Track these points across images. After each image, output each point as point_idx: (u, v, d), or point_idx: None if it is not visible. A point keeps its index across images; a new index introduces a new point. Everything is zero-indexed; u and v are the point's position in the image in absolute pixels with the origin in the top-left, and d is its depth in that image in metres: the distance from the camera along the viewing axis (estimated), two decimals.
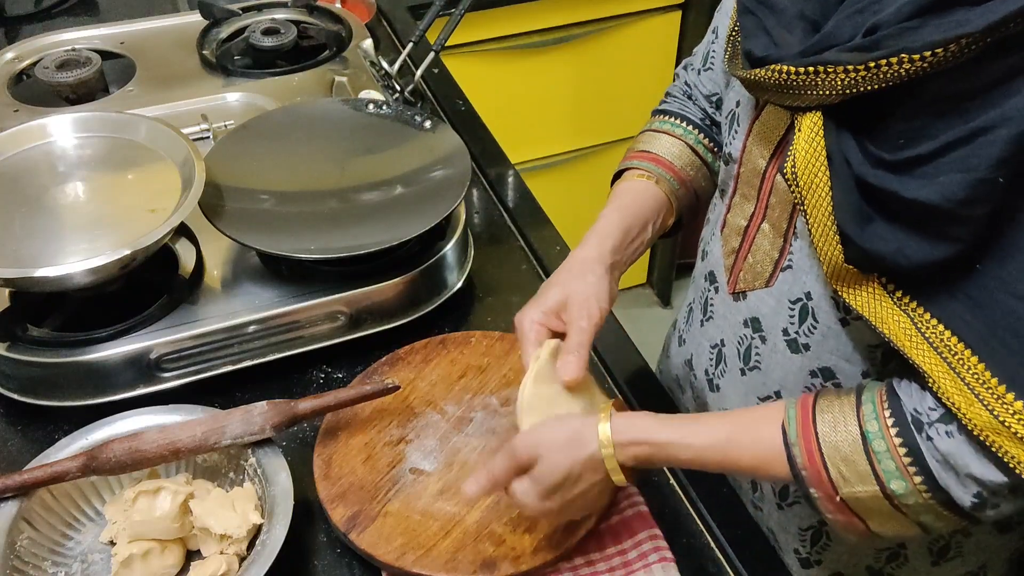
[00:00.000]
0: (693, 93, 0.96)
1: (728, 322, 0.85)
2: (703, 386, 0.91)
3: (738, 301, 0.83)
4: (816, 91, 0.64)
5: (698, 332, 0.91)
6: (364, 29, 1.34)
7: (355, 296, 0.95)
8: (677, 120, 0.95)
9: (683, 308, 0.99)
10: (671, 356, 1.00)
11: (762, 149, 0.77)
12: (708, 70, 0.93)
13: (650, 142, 0.94)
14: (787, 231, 0.75)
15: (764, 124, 0.76)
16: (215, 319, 0.91)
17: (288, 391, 0.94)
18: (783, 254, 0.76)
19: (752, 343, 0.82)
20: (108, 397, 0.89)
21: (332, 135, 1.07)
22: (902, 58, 0.58)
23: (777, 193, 0.76)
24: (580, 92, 2.12)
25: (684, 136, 0.93)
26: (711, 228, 0.89)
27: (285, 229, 0.94)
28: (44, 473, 0.77)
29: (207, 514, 0.76)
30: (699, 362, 0.91)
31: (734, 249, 0.83)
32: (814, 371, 0.78)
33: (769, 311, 0.79)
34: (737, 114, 0.80)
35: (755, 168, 0.78)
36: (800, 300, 0.76)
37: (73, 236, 0.88)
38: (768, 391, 0.82)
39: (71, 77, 1.19)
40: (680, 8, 2.08)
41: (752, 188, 0.79)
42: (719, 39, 0.89)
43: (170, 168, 0.95)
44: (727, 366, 0.86)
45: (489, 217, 1.18)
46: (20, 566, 0.74)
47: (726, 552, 0.82)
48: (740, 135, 0.80)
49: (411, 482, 0.83)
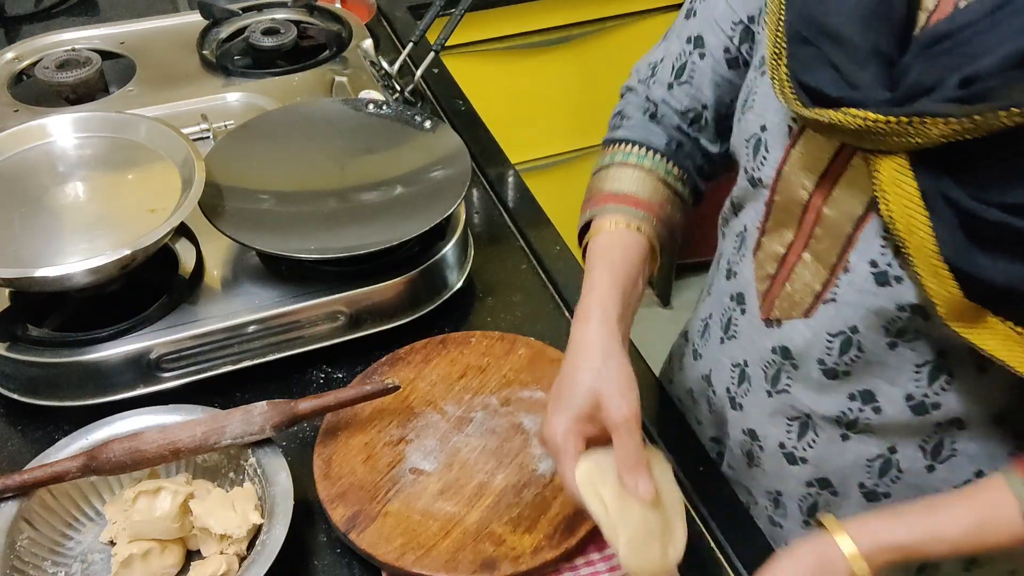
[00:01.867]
0: (660, 111, 0.88)
1: (754, 345, 0.82)
2: (723, 403, 0.89)
3: (770, 328, 0.79)
4: (907, 139, 0.60)
5: (717, 349, 0.88)
6: (364, 29, 1.34)
7: (355, 296, 0.95)
8: (642, 150, 0.86)
9: (696, 320, 0.95)
10: (684, 369, 0.97)
11: (803, 179, 0.72)
12: (685, 84, 0.86)
13: (618, 179, 0.85)
14: (835, 265, 0.72)
15: (805, 153, 0.71)
16: (215, 319, 0.91)
17: (288, 391, 0.94)
18: (827, 287, 0.73)
19: (782, 368, 0.79)
20: (108, 397, 0.89)
21: (332, 135, 1.07)
22: (1011, 111, 0.55)
23: (825, 226, 0.71)
24: (580, 92, 2.11)
25: (654, 168, 0.85)
26: (734, 246, 0.84)
27: (285, 229, 0.94)
28: (44, 473, 0.77)
29: (207, 514, 0.76)
30: (719, 379, 0.89)
31: (769, 275, 0.79)
32: (853, 394, 0.76)
33: (804, 342, 0.76)
34: (763, 139, 0.75)
35: (795, 197, 0.73)
36: (843, 333, 0.73)
37: (73, 236, 0.88)
38: (797, 412, 0.80)
39: (71, 77, 1.19)
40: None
41: (791, 216, 0.75)
42: (708, 52, 0.84)
43: (170, 168, 0.95)
44: (751, 386, 0.84)
45: (489, 217, 1.18)
46: (20, 566, 0.74)
47: (726, 552, 0.82)
48: (771, 162, 0.75)
49: (411, 482, 0.83)
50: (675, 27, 0.88)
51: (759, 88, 0.76)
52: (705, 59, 0.84)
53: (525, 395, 0.90)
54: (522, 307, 1.04)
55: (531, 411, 0.89)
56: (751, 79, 0.79)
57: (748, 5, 0.80)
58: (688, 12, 0.86)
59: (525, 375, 0.92)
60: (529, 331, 0.99)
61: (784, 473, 0.85)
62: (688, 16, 0.86)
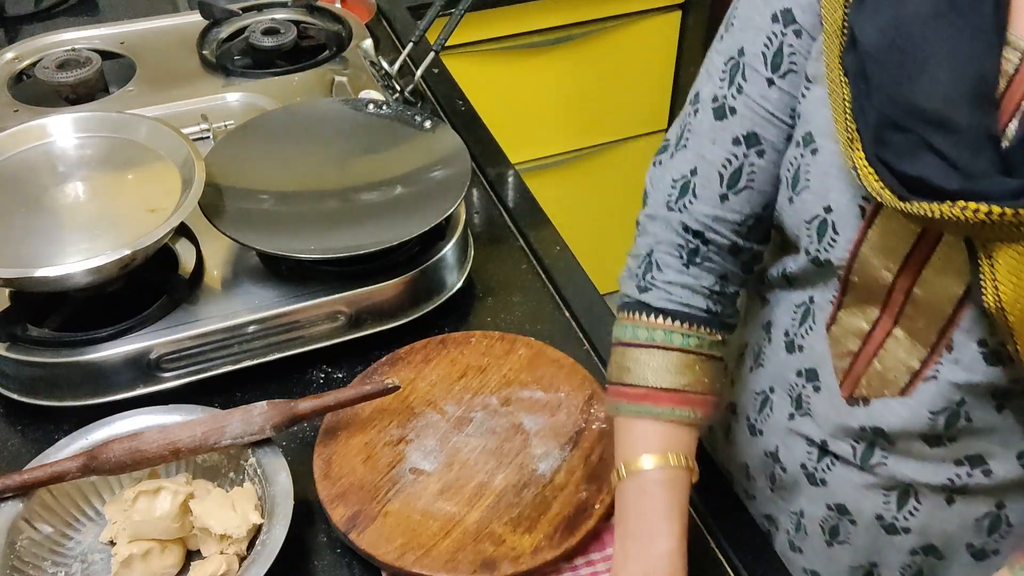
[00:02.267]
0: (706, 237, 0.76)
1: (835, 423, 0.76)
2: (797, 479, 0.82)
3: (854, 406, 0.74)
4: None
5: (783, 425, 0.81)
6: (364, 29, 1.34)
7: (355, 296, 0.95)
8: (684, 326, 0.76)
9: (747, 393, 0.86)
10: (736, 444, 0.89)
11: (885, 261, 0.67)
12: (744, 190, 0.75)
13: (659, 369, 0.75)
14: (936, 343, 0.67)
15: (885, 234, 0.66)
16: (215, 319, 0.91)
17: (288, 391, 0.94)
18: (927, 365, 0.68)
19: (874, 444, 0.75)
20: (108, 397, 0.89)
21: (332, 135, 1.07)
22: None
23: (918, 306, 0.67)
24: (580, 92, 2.12)
25: (685, 344, 0.75)
26: (792, 318, 0.78)
27: (285, 229, 0.94)
28: (44, 473, 0.77)
29: (207, 514, 0.76)
30: (790, 456, 0.82)
31: (851, 352, 0.73)
32: (960, 460, 0.72)
33: (901, 421, 0.71)
34: (830, 221, 0.69)
35: (877, 279, 0.68)
36: (947, 409, 0.68)
37: (73, 236, 0.88)
38: (896, 482, 0.75)
39: (71, 77, 1.19)
40: (680, 8, 2.08)
41: (874, 295, 0.69)
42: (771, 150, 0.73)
43: (170, 168, 0.95)
44: (835, 462, 0.78)
45: (489, 217, 1.18)
46: (20, 566, 0.74)
47: (726, 552, 0.82)
48: (843, 243, 0.69)
49: (411, 482, 0.83)
50: (699, 131, 0.75)
51: (812, 168, 0.69)
52: (766, 156, 0.74)
53: (525, 395, 0.91)
54: (522, 307, 1.04)
55: (531, 411, 0.89)
56: (794, 156, 0.71)
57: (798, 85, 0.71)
58: (718, 113, 0.74)
59: (525, 375, 0.92)
60: (529, 331, 0.99)
61: (882, 544, 0.80)
62: (722, 117, 0.74)
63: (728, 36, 0.74)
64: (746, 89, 0.72)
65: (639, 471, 0.74)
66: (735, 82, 0.73)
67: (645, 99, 2.23)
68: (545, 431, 0.87)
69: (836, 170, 0.67)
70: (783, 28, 0.70)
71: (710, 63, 0.76)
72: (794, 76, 0.71)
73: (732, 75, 0.73)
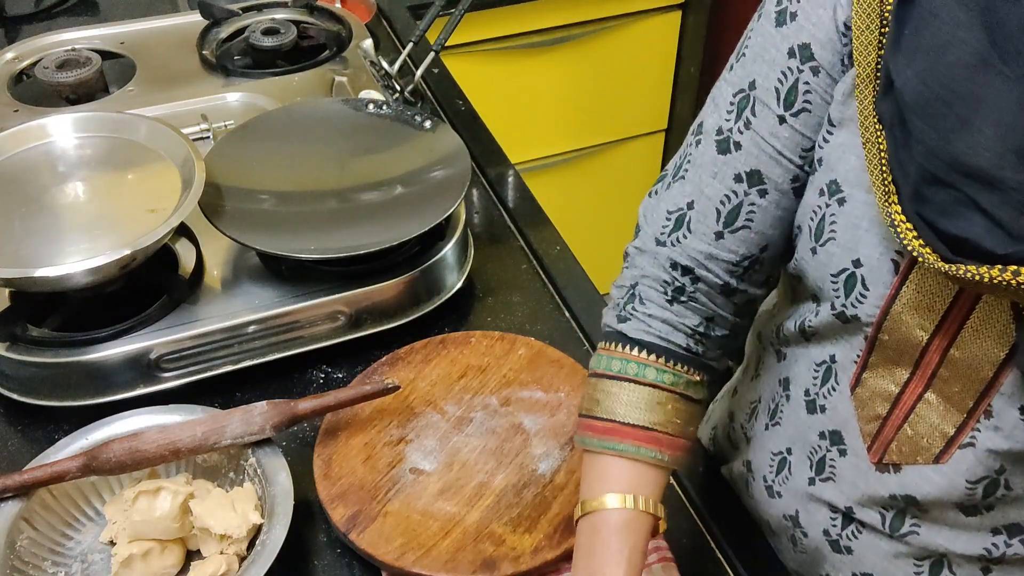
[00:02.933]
0: (696, 274, 0.73)
1: (861, 491, 0.72)
2: (819, 545, 0.78)
3: (884, 473, 0.70)
4: None
5: (804, 490, 0.77)
6: (364, 29, 1.34)
7: (355, 296, 0.95)
8: (660, 360, 0.72)
9: (763, 453, 0.82)
10: (756, 500, 0.84)
11: (920, 320, 0.63)
12: (742, 229, 0.71)
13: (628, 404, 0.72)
14: (974, 409, 0.63)
15: (920, 291, 0.62)
16: (215, 319, 0.91)
17: (288, 391, 0.94)
18: (963, 431, 0.64)
19: (905, 512, 0.71)
20: (108, 397, 0.89)
21: (332, 135, 1.07)
22: None
23: (954, 368, 0.63)
24: (580, 92, 2.12)
25: (674, 384, 0.72)
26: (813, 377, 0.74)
27: (285, 229, 0.94)
28: (44, 473, 0.77)
29: (207, 514, 0.76)
30: (811, 521, 0.78)
31: (879, 416, 0.69)
32: (997, 529, 0.68)
33: (936, 490, 0.67)
34: (859, 275, 0.65)
35: (909, 339, 0.65)
36: (986, 478, 0.65)
37: (73, 236, 0.88)
38: (929, 553, 0.72)
39: (71, 77, 1.19)
40: (680, 8, 2.08)
41: (905, 356, 0.66)
42: (774, 190, 0.70)
43: (170, 168, 0.95)
44: (862, 529, 0.74)
45: (489, 217, 1.18)
46: (20, 566, 0.74)
47: (726, 552, 0.82)
48: (873, 299, 0.65)
49: (411, 482, 0.83)
50: (699, 163, 0.72)
51: (839, 218, 0.66)
52: (768, 196, 0.70)
53: (525, 395, 0.91)
54: (522, 307, 1.04)
55: (531, 411, 0.89)
56: (817, 205, 0.68)
57: (810, 124, 0.68)
58: (722, 147, 0.71)
59: (525, 375, 0.93)
60: (529, 331, 0.99)
61: None
62: (725, 151, 0.70)
63: (739, 67, 0.70)
64: (754, 125, 0.69)
65: (596, 510, 0.70)
66: (743, 116, 0.69)
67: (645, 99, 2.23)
68: (545, 431, 0.87)
69: (867, 222, 0.63)
70: (800, 64, 0.66)
71: (718, 93, 0.72)
72: (808, 116, 0.67)
73: (741, 108, 0.70)
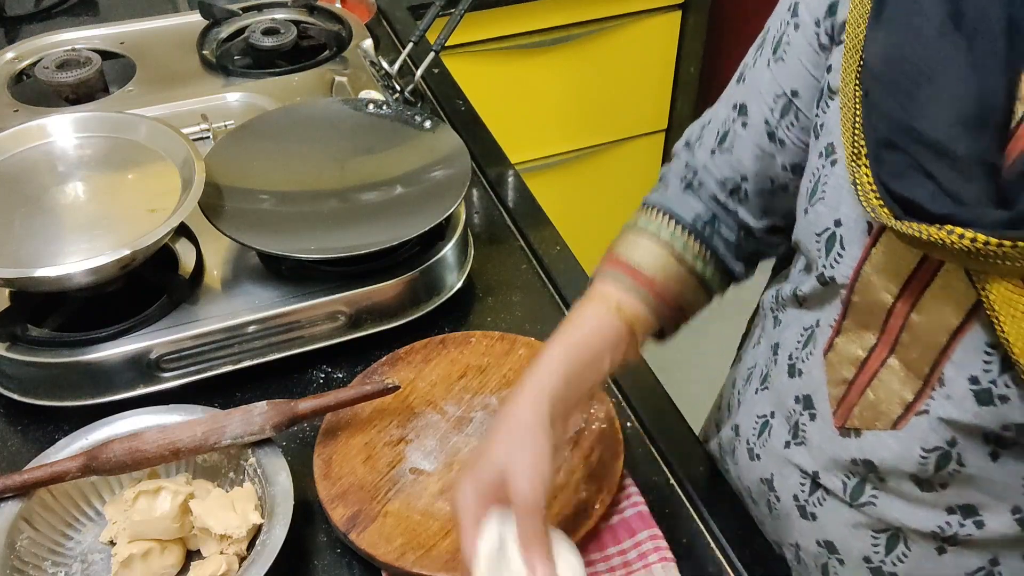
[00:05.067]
0: (698, 178, 0.83)
1: (828, 454, 0.74)
2: (789, 511, 0.80)
3: (847, 437, 0.72)
4: (1019, 263, 0.53)
5: (780, 452, 0.80)
6: (364, 29, 1.34)
7: (355, 296, 0.95)
8: (666, 219, 0.82)
9: (750, 416, 0.85)
10: (739, 466, 0.88)
11: (886, 282, 0.65)
12: (726, 152, 0.80)
13: (631, 247, 0.81)
14: (929, 376, 0.65)
15: (888, 254, 0.65)
16: (215, 319, 0.91)
17: (288, 391, 0.94)
18: (920, 399, 0.66)
19: (865, 480, 0.73)
20: (108, 397, 0.89)
21: (332, 135, 1.07)
22: None
23: (914, 333, 0.65)
24: (580, 92, 2.12)
25: (671, 241, 0.81)
26: (798, 341, 0.77)
27: (285, 229, 0.94)
28: (44, 473, 0.77)
29: (207, 514, 0.76)
30: (784, 485, 0.80)
31: (845, 380, 0.71)
32: (951, 508, 0.69)
33: (892, 456, 0.69)
34: (838, 235, 0.68)
35: (877, 301, 0.67)
36: (939, 448, 0.66)
37: (73, 236, 0.88)
38: (886, 525, 0.73)
39: (71, 77, 1.19)
40: (680, 8, 2.08)
41: (873, 319, 0.68)
42: (750, 122, 0.77)
43: (170, 168, 0.95)
44: (826, 496, 0.76)
45: (489, 217, 1.18)
46: (20, 566, 0.74)
47: (726, 552, 0.82)
48: (848, 261, 0.68)
49: (411, 482, 0.83)
50: (727, 91, 0.81)
51: (830, 179, 0.69)
52: (748, 128, 0.78)
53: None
54: (522, 307, 1.04)
55: None
56: (817, 166, 0.70)
57: (793, 79, 0.73)
58: (739, 77, 0.79)
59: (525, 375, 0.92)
60: (529, 331, 0.99)
61: None
62: (738, 81, 0.79)
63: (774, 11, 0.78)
64: (756, 63, 0.77)
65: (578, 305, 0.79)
66: (755, 54, 0.78)
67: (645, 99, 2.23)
68: None
69: (850, 183, 0.65)
70: (788, 18, 0.73)
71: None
72: (782, 65, 0.74)
73: (756, 47, 0.78)
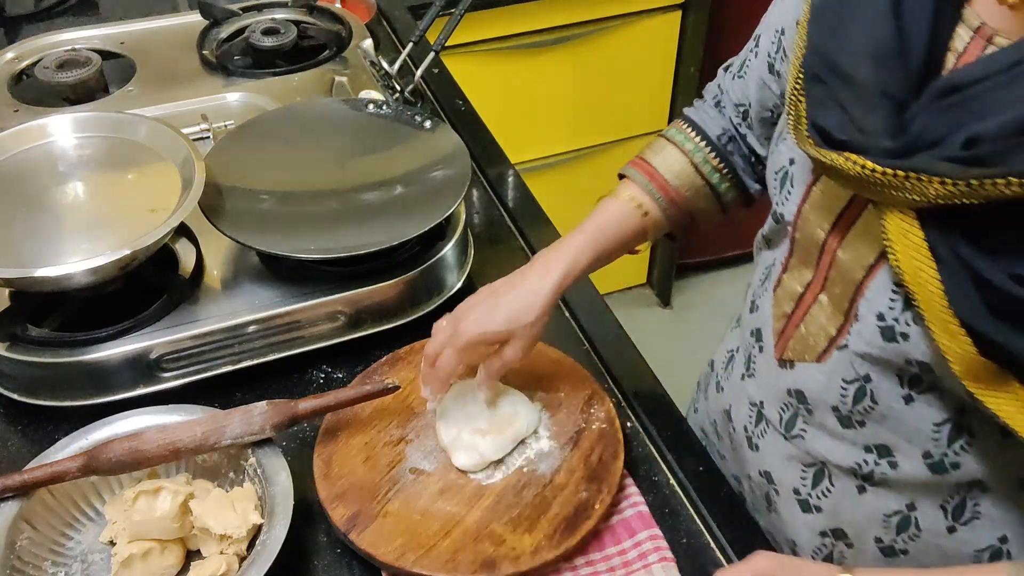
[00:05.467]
0: (723, 99, 0.91)
1: (770, 386, 0.80)
2: (741, 441, 0.86)
3: (784, 368, 0.77)
4: (904, 193, 0.57)
5: (738, 385, 0.86)
6: (364, 29, 1.34)
7: (355, 296, 0.95)
8: (692, 132, 0.90)
9: (722, 351, 0.93)
10: (708, 399, 0.95)
11: (820, 219, 0.70)
12: (740, 78, 0.88)
13: (656, 152, 0.90)
14: (848, 311, 0.69)
15: (824, 194, 0.70)
16: (215, 319, 0.91)
17: (288, 391, 0.94)
18: (840, 333, 0.71)
19: (797, 412, 0.77)
20: (108, 397, 0.89)
21: (332, 135, 1.07)
22: (1010, 180, 0.52)
23: (838, 269, 0.70)
24: (580, 92, 2.11)
25: (692, 153, 0.89)
26: (760, 279, 0.83)
27: (285, 229, 0.94)
28: (44, 473, 0.77)
29: (207, 514, 0.76)
30: (738, 416, 0.87)
31: (786, 314, 0.77)
32: (868, 447, 0.73)
33: (817, 387, 0.74)
34: (790, 173, 0.74)
35: (812, 238, 0.72)
36: (857, 381, 0.71)
37: (73, 236, 0.88)
38: (813, 459, 0.78)
39: (71, 77, 1.19)
40: (680, 8, 2.08)
41: (810, 256, 0.73)
42: (759, 53, 0.84)
43: (170, 168, 0.95)
44: (767, 428, 0.81)
45: (489, 217, 1.18)
46: (20, 566, 0.74)
47: (726, 552, 0.82)
48: (794, 198, 0.73)
49: (411, 482, 0.83)
50: None
51: None
52: (759, 58, 0.84)
53: (525, 395, 0.90)
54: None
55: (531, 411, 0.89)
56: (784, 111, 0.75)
57: (786, 16, 0.78)
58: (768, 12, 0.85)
59: (525, 375, 0.92)
60: None
61: (797, 521, 0.82)
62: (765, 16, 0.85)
63: None
64: None
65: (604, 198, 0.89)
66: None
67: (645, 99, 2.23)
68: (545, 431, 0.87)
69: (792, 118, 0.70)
70: None
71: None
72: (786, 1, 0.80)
73: None
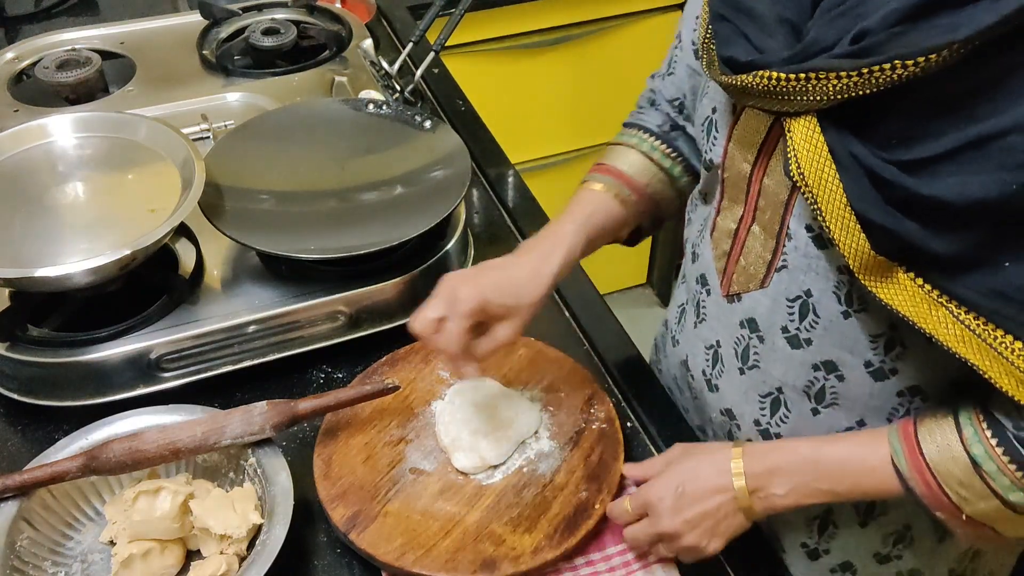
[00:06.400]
0: (656, 99, 0.97)
1: (722, 324, 0.85)
2: (701, 386, 0.91)
3: (732, 303, 0.82)
4: (807, 96, 0.64)
5: (692, 333, 0.91)
6: (364, 29, 1.34)
7: (355, 296, 0.95)
8: (635, 130, 0.97)
9: (673, 308, 0.99)
10: (667, 356, 1.00)
11: (745, 153, 0.77)
12: (671, 75, 0.94)
13: (610, 156, 0.96)
14: (779, 232, 0.75)
15: (744, 129, 0.76)
16: (215, 319, 0.91)
17: (288, 391, 0.94)
18: (776, 255, 0.76)
19: (750, 343, 0.82)
20: (108, 397, 0.89)
21: (332, 135, 1.07)
22: (895, 64, 0.59)
23: (766, 196, 0.76)
24: (580, 92, 2.11)
25: (639, 145, 0.95)
26: (698, 230, 0.88)
27: (285, 229, 0.94)
28: (44, 473, 0.77)
29: (207, 514, 0.76)
30: (695, 363, 0.91)
31: (725, 252, 0.82)
32: (816, 364, 0.78)
33: (765, 311, 0.79)
34: (714, 120, 0.80)
35: (740, 172, 0.78)
36: (799, 298, 0.76)
37: (73, 236, 0.88)
38: (769, 388, 0.82)
39: (71, 77, 1.19)
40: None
41: (739, 192, 0.79)
42: (683, 45, 0.91)
43: (170, 168, 0.95)
44: (724, 366, 0.86)
45: (489, 217, 1.18)
46: (20, 566, 0.74)
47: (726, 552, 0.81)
48: (720, 141, 0.79)
49: (411, 482, 0.83)
50: None
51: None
52: (683, 51, 0.91)
53: (525, 395, 0.90)
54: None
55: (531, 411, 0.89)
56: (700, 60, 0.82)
57: (698, 3, 0.84)
58: (684, 9, 0.91)
59: (525, 375, 0.92)
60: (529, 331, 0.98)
61: None
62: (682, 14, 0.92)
63: None
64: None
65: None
66: None
67: None
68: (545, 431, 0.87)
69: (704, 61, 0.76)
70: None
71: None
72: None
73: None
